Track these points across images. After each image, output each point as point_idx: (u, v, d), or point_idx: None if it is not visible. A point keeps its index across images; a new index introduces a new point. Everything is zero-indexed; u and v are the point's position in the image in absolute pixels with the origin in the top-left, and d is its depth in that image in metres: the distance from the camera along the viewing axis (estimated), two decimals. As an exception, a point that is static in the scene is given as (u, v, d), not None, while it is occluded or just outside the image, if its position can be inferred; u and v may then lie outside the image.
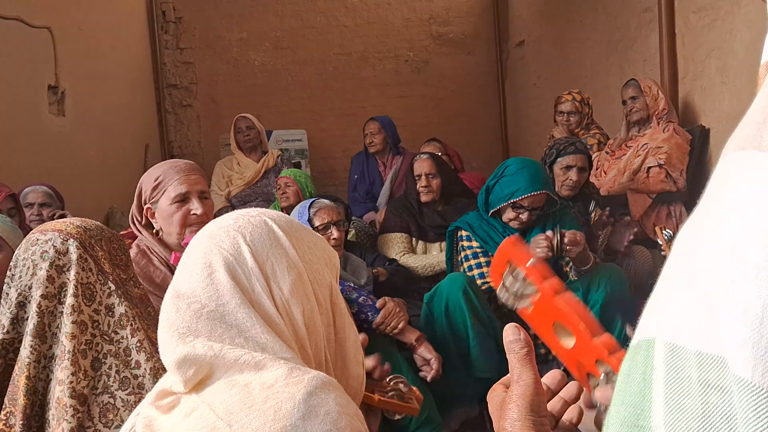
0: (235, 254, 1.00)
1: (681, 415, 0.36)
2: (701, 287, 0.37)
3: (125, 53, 6.21)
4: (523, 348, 0.76)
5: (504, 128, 7.70)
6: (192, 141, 7.19)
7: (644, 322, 0.42)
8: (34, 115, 4.35)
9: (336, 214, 2.88)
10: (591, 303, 2.72)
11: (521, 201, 2.85)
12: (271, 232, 1.05)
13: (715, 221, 0.38)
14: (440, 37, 7.63)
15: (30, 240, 1.45)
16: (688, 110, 4.11)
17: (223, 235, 1.03)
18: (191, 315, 0.95)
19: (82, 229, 1.48)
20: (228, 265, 0.99)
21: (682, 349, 0.37)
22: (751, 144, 0.38)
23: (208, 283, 0.98)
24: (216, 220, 1.10)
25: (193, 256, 1.03)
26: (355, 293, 2.61)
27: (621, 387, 0.43)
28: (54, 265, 1.41)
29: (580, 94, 4.36)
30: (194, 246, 1.05)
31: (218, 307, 0.96)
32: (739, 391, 0.34)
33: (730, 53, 3.60)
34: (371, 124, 4.96)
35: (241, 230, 1.03)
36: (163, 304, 1.00)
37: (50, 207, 3.46)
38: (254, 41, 7.35)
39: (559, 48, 6.23)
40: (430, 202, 3.56)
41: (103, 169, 5.21)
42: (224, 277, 0.98)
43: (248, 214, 1.08)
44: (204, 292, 0.97)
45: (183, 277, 1.01)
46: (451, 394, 2.72)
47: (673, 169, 3.61)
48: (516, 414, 0.72)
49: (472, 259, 2.93)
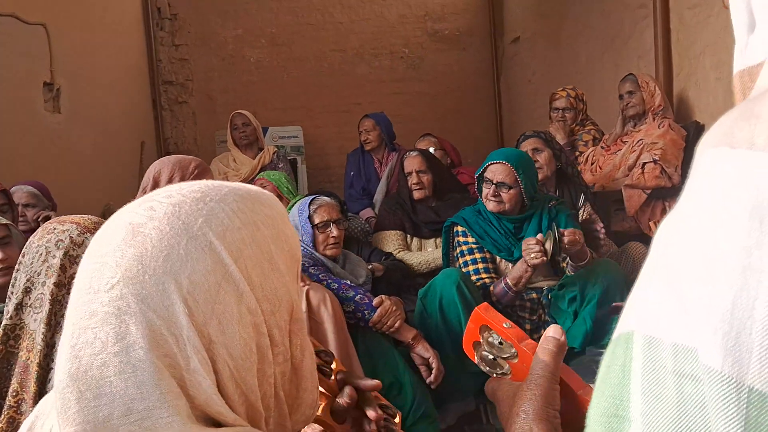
0: (165, 316, 0.67)
1: (657, 404, 0.38)
2: (676, 281, 0.38)
3: (120, 50, 6.19)
4: (557, 347, 0.77)
5: (499, 124, 7.71)
6: (188, 138, 7.18)
7: (624, 316, 0.43)
8: (29, 112, 4.34)
9: (336, 212, 2.89)
10: (588, 298, 2.73)
11: (486, 174, 2.89)
12: (217, 262, 0.70)
13: (689, 217, 0.39)
14: (435, 33, 7.64)
15: (47, 228, 1.46)
16: (683, 106, 4.13)
17: (149, 281, 0.67)
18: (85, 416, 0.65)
19: (99, 225, 1.49)
20: (154, 337, 0.66)
21: (658, 340, 0.38)
22: (723, 141, 0.39)
23: (122, 362, 0.65)
24: (114, 227, 0.73)
25: (96, 303, 0.67)
26: (351, 291, 2.62)
27: (602, 379, 0.44)
28: (68, 255, 1.41)
29: (575, 90, 4.37)
30: (94, 279, 0.69)
31: (127, 411, 0.64)
32: (709, 380, 0.35)
33: (725, 49, 3.61)
34: (366, 122, 4.95)
35: (174, 271, 0.68)
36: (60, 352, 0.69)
37: (35, 207, 3.36)
38: (249, 38, 7.35)
39: (554, 44, 6.24)
40: (423, 198, 3.55)
41: (99, 165, 5.20)
42: (145, 356, 0.65)
43: (184, 228, 0.70)
44: (117, 379, 0.65)
45: (81, 339, 0.66)
46: (446, 389, 2.73)
47: (668, 164, 3.62)
48: (530, 405, 0.72)
49: (468, 255, 2.94)
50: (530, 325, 2.87)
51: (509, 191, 2.87)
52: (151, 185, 2.31)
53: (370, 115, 5.00)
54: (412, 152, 3.67)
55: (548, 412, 0.72)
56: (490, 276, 2.86)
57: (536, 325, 2.88)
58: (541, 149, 3.29)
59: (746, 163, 0.37)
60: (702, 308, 0.36)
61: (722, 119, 0.41)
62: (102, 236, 0.73)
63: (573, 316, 2.78)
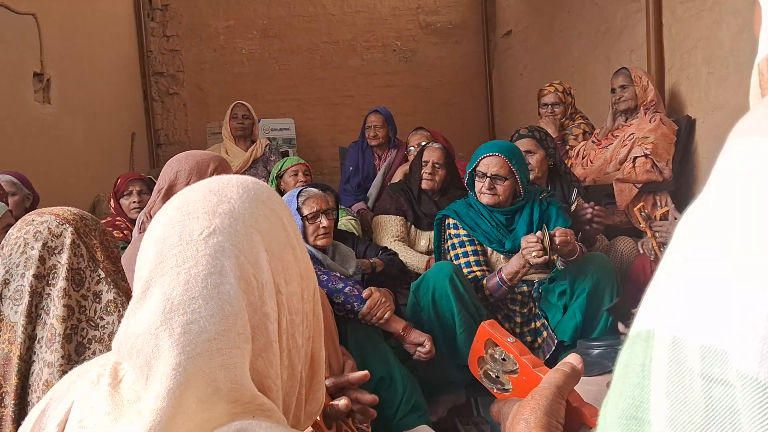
0: (253, 261, 0.76)
1: (684, 409, 0.36)
2: (704, 276, 0.36)
3: (111, 40, 6.16)
4: (571, 369, 0.77)
5: (491, 118, 7.71)
6: (179, 129, 7.16)
7: (643, 312, 0.41)
8: (19, 102, 4.31)
9: (325, 202, 2.88)
10: (577, 292, 2.74)
11: (480, 168, 2.89)
12: (280, 224, 0.83)
13: (717, 208, 0.38)
14: (428, 26, 7.62)
15: (26, 220, 1.45)
16: (675, 100, 4.14)
17: (239, 229, 0.77)
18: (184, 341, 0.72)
19: (78, 216, 1.48)
20: (244, 276, 0.75)
21: (684, 341, 0.37)
22: (756, 131, 0.38)
23: (213, 297, 0.73)
24: (203, 189, 0.82)
25: (194, 247, 0.75)
26: (341, 283, 2.61)
27: (619, 378, 0.42)
28: (46, 246, 1.40)
29: (562, 85, 4.37)
30: (184, 232, 0.77)
31: (217, 336, 0.72)
32: (743, 387, 0.33)
33: (717, 44, 3.62)
34: (375, 117, 4.80)
35: (256, 223, 0.79)
36: (147, 304, 0.76)
37: (15, 196, 3.34)
38: (241, 29, 7.32)
39: (546, 38, 6.24)
40: (429, 190, 3.58)
41: (90, 157, 5.18)
42: (236, 292, 0.74)
43: (252, 191, 0.83)
44: (206, 309, 0.72)
45: (175, 275, 0.74)
46: (437, 381, 2.74)
47: (659, 159, 3.63)
48: (531, 413, 0.71)
49: (459, 248, 2.94)
50: (521, 318, 2.88)
51: (504, 183, 2.87)
52: (166, 189, 2.28)
53: (379, 109, 4.85)
54: (435, 144, 3.74)
55: (550, 422, 0.71)
56: (481, 269, 2.87)
57: (527, 318, 2.89)
58: (533, 151, 3.28)
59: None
60: (735, 308, 0.34)
61: (754, 109, 0.40)
62: (183, 199, 0.82)
63: (563, 310, 2.78)
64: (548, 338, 2.79)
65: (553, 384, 0.74)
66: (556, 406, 0.72)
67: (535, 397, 0.73)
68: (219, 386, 0.72)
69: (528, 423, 0.70)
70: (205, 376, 0.71)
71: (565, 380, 0.75)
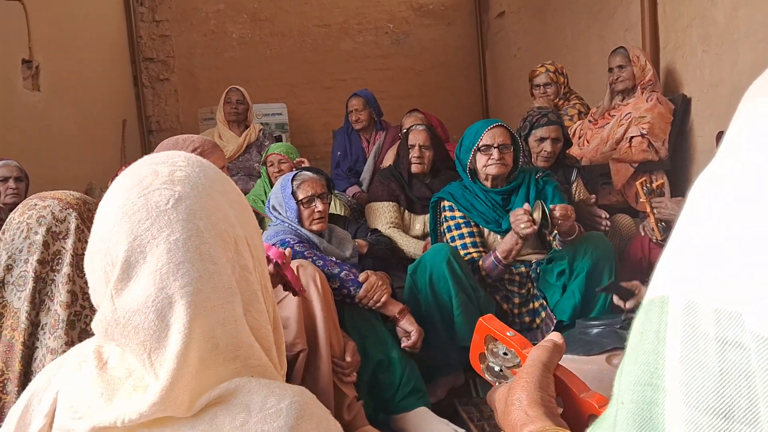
0: (222, 218, 0.82)
1: (698, 373, 0.36)
2: (717, 240, 0.36)
3: (100, 26, 6.10)
4: (553, 345, 0.78)
5: (485, 100, 7.69)
6: (170, 115, 7.10)
7: (657, 279, 0.41)
8: (8, 89, 4.27)
9: (320, 186, 2.86)
10: (576, 272, 2.73)
11: (484, 141, 2.89)
12: (229, 182, 0.89)
13: (730, 171, 0.37)
14: (420, 8, 7.57)
15: (27, 204, 1.43)
16: (670, 79, 4.12)
17: (201, 191, 0.81)
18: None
19: (81, 201, 1.47)
20: (219, 233, 0.80)
21: (698, 306, 0.36)
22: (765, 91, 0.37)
23: (197, 259, 0.77)
24: (148, 164, 0.85)
25: (165, 217, 0.78)
26: (337, 268, 2.60)
27: (634, 346, 0.42)
28: (50, 231, 1.38)
29: (553, 65, 4.34)
30: (150, 204, 0.79)
31: (210, 295, 0.77)
32: (757, 348, 0.33)
33: (712, 22, 3.60)
34: (355, 100, 4.84)
35: (213, 183, 0.84)
36: (133, 283, 0.77)
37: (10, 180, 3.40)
38: (231, 13, 7.25)
39: (539, 18, 6.20)
40: (420, 173, 3.55)
41: (81, 144, 5.14)
42: (215, 250, 0.79)
43: (194, 157, 0.87)
44: (194, 270, 0.77)
45: (155, 247, 0.76)
46: (436, 363, 2.74)
47: (655, 138, 3.62)
48: (522, 392, 0.72)
49: (455, 230, 2.93)
50: (519, 299, 2.87)
51: (510, 151, 2.91)
52: None
53: (359, 93, 4.88)
54: (419, 126, 3.69)
55: (542, 396, 0.72)
56: (478, 250, 2.86)
57: (525, 298, 2.88)
58: (558, 139, 3.28)
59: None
60: (748, 270, 0.34)
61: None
62: (131, 179, 0.82)
63: (562, 290, 2.78)
64: (547, 318, 2.79)
65: (538, 360, 0.76)
66: (545, 380, 0.74)
67: (523, 376, 0.74)
68: (217, 342, 0.76)
69: (521, 401, 0.71)
70: (205, 334, 0.75)
71: (548, 356, 0.76)
